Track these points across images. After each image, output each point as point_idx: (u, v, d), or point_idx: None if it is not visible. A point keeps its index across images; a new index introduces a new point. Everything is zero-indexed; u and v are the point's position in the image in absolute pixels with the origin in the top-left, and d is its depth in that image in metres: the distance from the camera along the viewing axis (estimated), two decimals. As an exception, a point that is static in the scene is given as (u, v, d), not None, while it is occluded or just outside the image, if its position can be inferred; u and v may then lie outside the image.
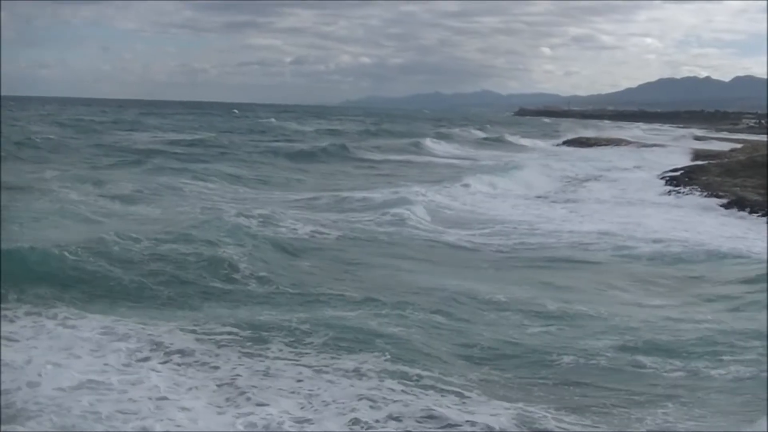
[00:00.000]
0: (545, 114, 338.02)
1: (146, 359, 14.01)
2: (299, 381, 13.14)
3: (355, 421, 11.62)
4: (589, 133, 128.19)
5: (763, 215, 36.86)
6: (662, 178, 53.18)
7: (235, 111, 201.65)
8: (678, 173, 54.41)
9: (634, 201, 42.20)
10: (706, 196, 42.88)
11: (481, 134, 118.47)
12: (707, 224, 33.79)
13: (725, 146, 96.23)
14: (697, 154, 77.77)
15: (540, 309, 18.05)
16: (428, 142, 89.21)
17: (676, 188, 47.07)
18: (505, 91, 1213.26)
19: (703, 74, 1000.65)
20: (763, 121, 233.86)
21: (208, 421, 11.56)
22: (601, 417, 12.29)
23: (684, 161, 68.64)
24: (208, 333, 15.49)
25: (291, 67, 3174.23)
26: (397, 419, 11.69)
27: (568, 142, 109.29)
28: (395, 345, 14.74)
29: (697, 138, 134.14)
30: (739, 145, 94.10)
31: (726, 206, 39.27)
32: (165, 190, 37.72)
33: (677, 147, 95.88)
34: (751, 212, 37.86)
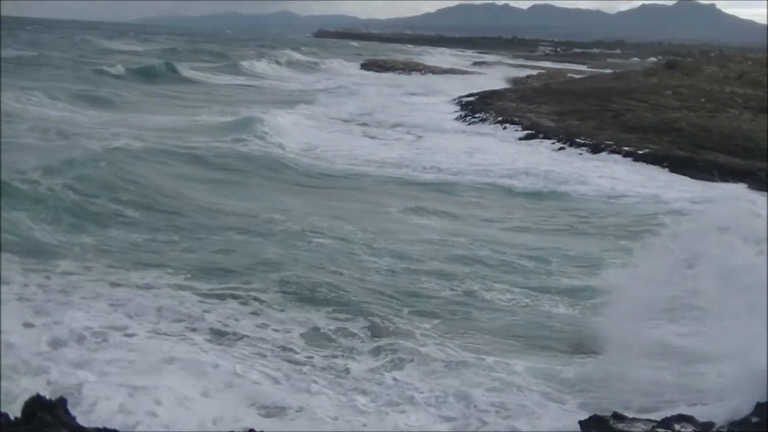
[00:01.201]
0: (344, 36, 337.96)
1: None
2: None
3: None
4: (402, 59, 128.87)
5: (556, 143, 37.65)
6: (458, 104, 53.39)
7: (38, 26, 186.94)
8: (473, 98, 54.84)
9: (429, 128, 42.09)
10: (498, 122, 43.35)
11: (301, 57, 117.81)
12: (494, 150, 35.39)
13: (522, 73, 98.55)
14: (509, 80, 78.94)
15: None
16: (259, 65, 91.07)
17: (473, 114, 47.28)
18: (305, 12, 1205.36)
19: (502, 1, 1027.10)
20: (559, 49, 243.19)
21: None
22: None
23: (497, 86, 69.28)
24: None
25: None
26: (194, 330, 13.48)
27: (367, 66, 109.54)
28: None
29: (482, 63, 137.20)
30: (535, 72, 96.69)
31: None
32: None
33: (484, 73, 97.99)
34: (544, 138, 38.58)
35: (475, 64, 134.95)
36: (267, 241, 18.53)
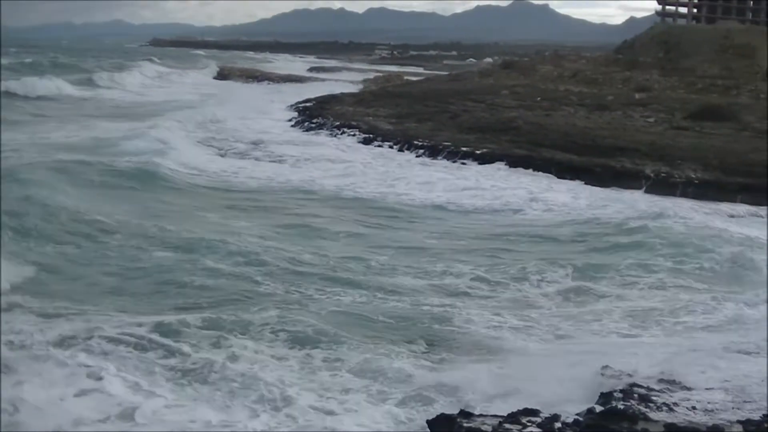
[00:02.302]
0: (180, 44, 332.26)
1: None
2: None
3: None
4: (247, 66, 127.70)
5: (393, 146, 38.19)
6: (296, 110, 53.30)
7: None
8: (311, 104, 54.88)
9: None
10: (336, 126, 43.53)
11: (162, 69, 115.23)
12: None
13: (359, 77, 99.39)
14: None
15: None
16: (121, 77, 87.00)
17: (310, 120, 47.28)
18: (138, 21, 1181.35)
19: (338, 5, 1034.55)
20: (395, 52, 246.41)
21: None
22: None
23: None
24: None
25: None
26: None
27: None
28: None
29: (317, 69, 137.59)
30: (371, 76, 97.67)
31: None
32: None
33: (323, 79, 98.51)
34: (383, 141, 39.06)
35: (313, 69, 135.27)
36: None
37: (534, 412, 10.38)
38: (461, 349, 13.86)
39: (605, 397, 10.75)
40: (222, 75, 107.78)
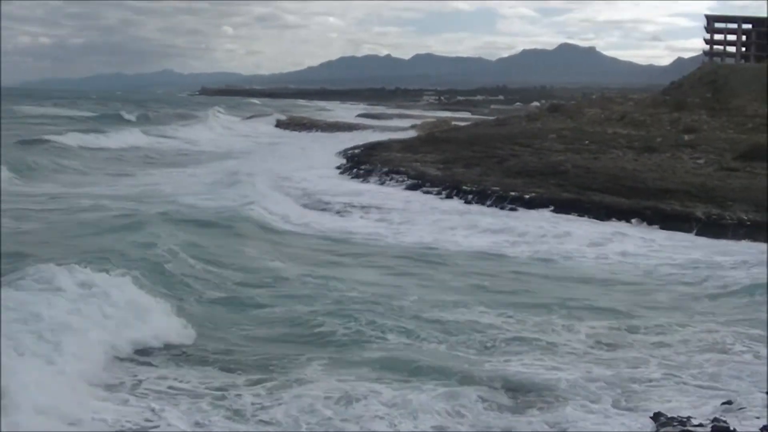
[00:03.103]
0: (227, 93, 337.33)
1: None
2: None
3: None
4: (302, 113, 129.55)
5: (442, 191, 38.19)
6: (345, 156, 53.66)
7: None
8: (359, 150, 55.23)
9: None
10: (384, 173, 43.70)
11: (228, 117, 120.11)
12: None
13: (406, 123, 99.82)
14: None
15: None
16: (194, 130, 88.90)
17: (358, 166, 47.51)
18: (187, 70, 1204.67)
19: (384, 52, 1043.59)
20: (442, 98, 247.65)
21: None
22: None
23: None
24: None
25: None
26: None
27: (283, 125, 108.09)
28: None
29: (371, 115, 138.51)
30: (419, 121, 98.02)
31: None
32: None
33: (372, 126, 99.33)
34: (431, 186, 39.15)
35: (362, 116, 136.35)
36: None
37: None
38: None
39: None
40: (284, 123, 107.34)
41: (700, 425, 11.15)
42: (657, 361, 15.12)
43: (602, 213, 32.72)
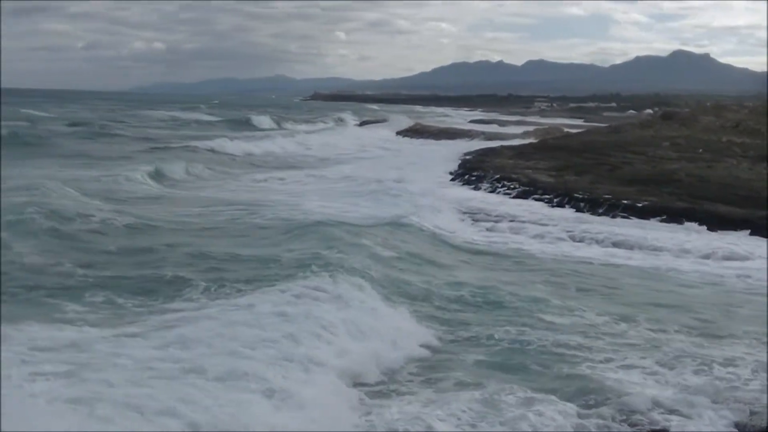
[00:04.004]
0: (338, 98, 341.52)
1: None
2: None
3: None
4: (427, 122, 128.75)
5: (551, 199, 38.20)
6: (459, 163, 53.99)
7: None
8: (470, 157, 55.55)
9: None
10: (496, 179, 43.80)
11: (356, 119, 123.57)
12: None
13: (518, 129, 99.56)
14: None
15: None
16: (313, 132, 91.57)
17: (470, 173, 47.75)
18: (299, 75, 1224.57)
19: (496, 58, 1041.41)
20: (554, 104, 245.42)
21: None
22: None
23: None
24: None
25: (83, 52, 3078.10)
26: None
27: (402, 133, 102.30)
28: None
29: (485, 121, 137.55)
30: (531, 128, 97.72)
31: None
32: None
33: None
34: (543, 194, 39.13)
35: (473, 121, 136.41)
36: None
37: None
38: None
39: None
40: (413, 131, 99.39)
41: None
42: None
43: (714, 222, 32.36)
